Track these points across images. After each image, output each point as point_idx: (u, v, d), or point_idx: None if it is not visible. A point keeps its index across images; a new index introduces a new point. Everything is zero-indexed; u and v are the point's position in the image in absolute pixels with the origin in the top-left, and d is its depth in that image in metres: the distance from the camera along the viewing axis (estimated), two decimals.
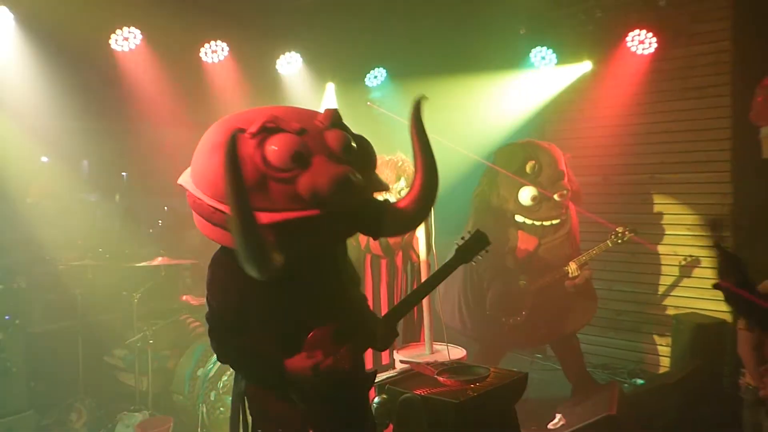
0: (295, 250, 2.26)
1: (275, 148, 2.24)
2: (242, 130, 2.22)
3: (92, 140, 6.04)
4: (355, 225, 2.47)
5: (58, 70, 5.15)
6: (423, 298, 2.98)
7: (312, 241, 2.35)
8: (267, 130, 2.27)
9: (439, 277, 2.71)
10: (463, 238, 2.80)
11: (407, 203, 2.45)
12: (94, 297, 5.10)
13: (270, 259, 2.15)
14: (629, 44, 5.65)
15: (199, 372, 4.78)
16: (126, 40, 5.46)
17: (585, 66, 6.04)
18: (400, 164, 4.27)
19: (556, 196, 5.01)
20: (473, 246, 2.76)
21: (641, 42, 5.61)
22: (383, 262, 4.26)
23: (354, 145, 2.41)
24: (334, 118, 2.41)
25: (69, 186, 5.95)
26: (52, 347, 5.02)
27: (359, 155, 2.41)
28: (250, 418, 2.51)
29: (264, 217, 2.17)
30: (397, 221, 2.49)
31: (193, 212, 2.41)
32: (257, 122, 2.27)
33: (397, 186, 4.24)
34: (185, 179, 2.43)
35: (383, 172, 4.27)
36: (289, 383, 2.39)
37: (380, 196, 2.60)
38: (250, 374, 2.50)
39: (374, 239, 2.80)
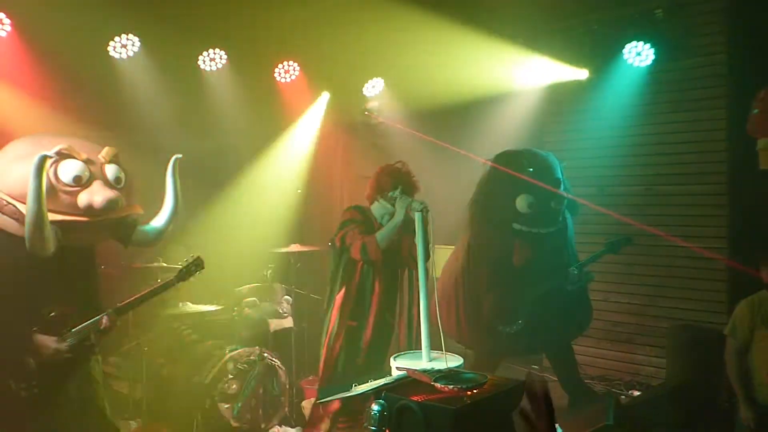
0: (66, 243, 3.23)
1: (63, 168, 3.22)
2: (46, 155, 3.06)
3: None
4: (112, 233, 3.47)
5: (55, 77, 5.13)
6: (138, 305, 3.72)
7: (80, 238, 3.36)
8: (61, 155, 3.22)
9: (160, 290, 3.66)
10: (186, 260, 3.80)
11: (157, 227, 3.62)
12: None
13: (49, 241, 3.11)
14: (626, 56, 5.67)
15: (194, 379, 4.76)
16: (124, 47, 5.46)
17: (582, 77, 6.07)
18: (399, 171, 4.27)
19: (552, 204, 5.03)
20: (190, 269, 3.78)
21: (638, 54, 5.64)
22: (359, 265, 4.27)
23: (123, 177, 3.44)
24: (113, 155, 3.43)
25: None
26: None
27: (125, 185, 3.46)
28: None
29: (50, 216, 3.10)
30: (146, 239, 3.61)
31: None
32: (54, 148, 3.18)
33: (392, 194, 4.23)
34: None
35: (381, 179, 4.29)
36: (29, 351, 3.21)
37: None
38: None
39: (125, 247, 3.63)
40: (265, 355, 4.98)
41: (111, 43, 5.44)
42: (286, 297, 5.74)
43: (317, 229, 6.66)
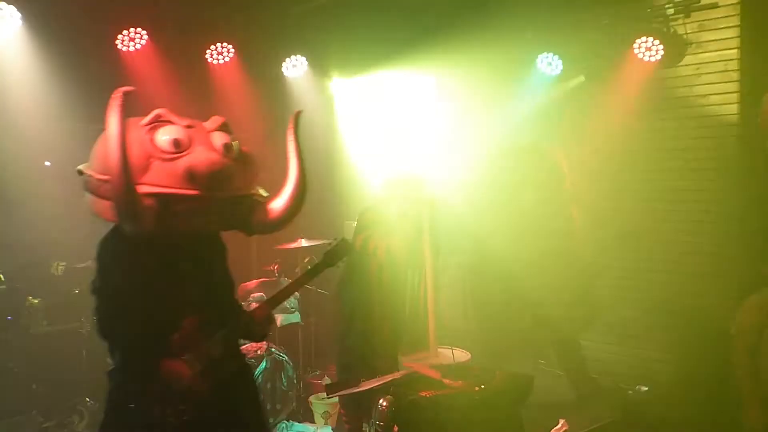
0: (174, 226, 2.63)
1: (161, 134, 2.66)
2: (124, 89, 2.58)
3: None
4: (228, 217, 2.81)
5: (63, 70, 5.13)
6: (292, 295, 3.49)
7: (191, 222, 2.69)
8: (158, 120, 2.71)
9: (308, 277, 3.14)
10: (330, 244, 3.22)
11: (279, 205, 2.87)
12: None
13: (141, 216, 2.53)
14: (636, 51, 5.63)
15: None
16: (132, 40, 5.46)
17: (591, 71, 6.03)
18: (411, 169, 4.27)
19: (558, 199, 5.03)
20: (339, 252, 3.18)
21: (648, 49, 5.59)
22: (385, 266, 4.24)
23: (236, 147, 2.81)
24: (221, 124, 2.85)
25: (73, 190, 5.92)
26: (54, 348, 4.99)
27: (240, 156, 2.82)
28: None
29: (145, 188, 2.55)
30: (267, 221, 2.87)
31: (87, 192, 2.77)
32: (151, 114, 2.71)
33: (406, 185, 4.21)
34: (83, 166, 2.79)
35: (394, 177, 4.28)
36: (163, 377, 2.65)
37: None
38: (129, 350, 2.76)
39: (247, 235, 3.00)
40: (273, 349, 4.98)
41: (119, 36, 5.44)
42: None
43: (323, 223, 6.65)
